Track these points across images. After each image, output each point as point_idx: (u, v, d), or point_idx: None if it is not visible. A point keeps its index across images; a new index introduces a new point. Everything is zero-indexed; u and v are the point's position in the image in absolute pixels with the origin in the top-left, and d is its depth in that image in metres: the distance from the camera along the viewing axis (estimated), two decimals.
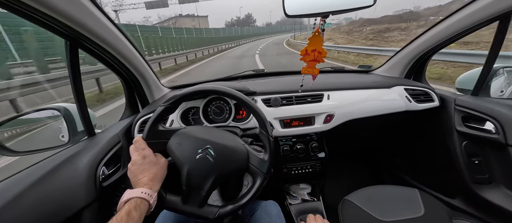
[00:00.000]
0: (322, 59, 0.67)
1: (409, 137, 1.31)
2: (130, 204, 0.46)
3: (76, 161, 0.64)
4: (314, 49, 0.64)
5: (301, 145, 1.01)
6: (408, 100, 1.04)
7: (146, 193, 0.49)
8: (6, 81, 3.63)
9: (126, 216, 0.43)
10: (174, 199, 0.57)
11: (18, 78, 4.44)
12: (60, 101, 3.24)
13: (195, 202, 0.56)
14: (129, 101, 1.04)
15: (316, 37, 0.62)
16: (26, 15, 0.47)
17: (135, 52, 0.85)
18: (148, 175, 0.53)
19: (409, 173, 1.36)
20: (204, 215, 0.56)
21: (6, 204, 0.46)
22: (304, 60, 0.69)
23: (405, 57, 1.19)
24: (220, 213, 0.56)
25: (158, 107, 0.62)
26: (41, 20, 0.49)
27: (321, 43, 0.63)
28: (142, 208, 0.47)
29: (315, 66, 0.69)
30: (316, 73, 0.72)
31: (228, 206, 0.58)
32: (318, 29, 0.60)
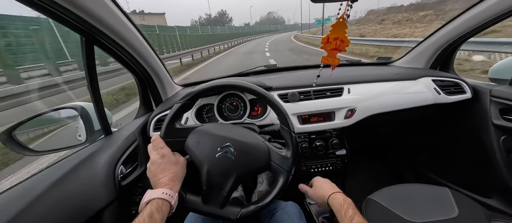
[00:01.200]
0: (344, 48, 0.62)
1: (436, 131, 1.23)
2: (152, 205, 0.44)
3: (94, 160, 0.63)
4: (337, 37, 0.59)
5: (321, 142, 0.96)
6: (437, 93, 0.96)
7: (167, 194, 0.47)
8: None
9: (148, 219, 0.41)
10: (195, 199, 0.55)
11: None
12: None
13: (216, 202, 0.54)
14: (143, 100, 1.03)
15: (340, 24, 0.57)
16: (43, 8, 0.45)
17: (150, 49, 0.83)
18: (168, 175, 0.51)
19: (435, 171, 1.27)
20: (226, 215, 0.54)
21: (30, 203, 0.45)
22: (324, 49, 0.64)
23: (430, 47, 1.11)
24: (242, 214, 0.54)
25: (175, 104, 0.60)
26: (59, 14, 0.47)
27: (345, 30, 0.58)
28: (164, 210, 0.45)
29: (335, 56, 0.64)
30: (336, 63, 0.67)
31: (251, 206, 0.55)
32: (343, 15, 0.55)
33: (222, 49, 17.70)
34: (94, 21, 0.54)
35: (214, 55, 13.55)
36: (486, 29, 0.90)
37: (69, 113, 0.81)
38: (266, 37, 37.40)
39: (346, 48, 0.62)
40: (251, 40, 31.55)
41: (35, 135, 0.79)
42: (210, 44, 15.90)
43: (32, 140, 0.78)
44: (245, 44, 23.28)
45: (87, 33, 0.57)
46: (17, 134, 0.68)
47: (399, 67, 1.26)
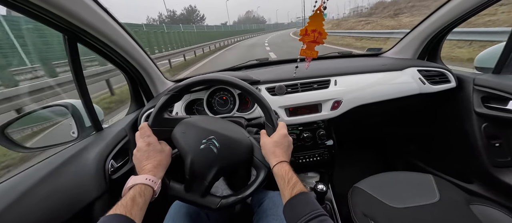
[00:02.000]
0: (322, 41, 0.63)
1: (423, 121, 1.25)
2: (135, 190, 0.46)
3: (84, 155, 0.65)
4: (315, 29, 0.60)
5: (308, 133, 0.99)
6: (421, 83, 0.98)
7: (150, 180, 0.49)
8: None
9: (131, 202, 0.43)
10: (177, 187, 0.58)
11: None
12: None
13: (198, 191, 0.56)
14: (134, 96, 1.05)
15: (317, 16, 0.58)
16: (21, 9, 0.46)
17: (137, 47, 0.84)
18: (152, 162, 0.53)
19: (422, 159, 1.30)
20: (206, 204, 0.56)
21: (19, 196, 0.47)
22: (303, 41, 0.65)
23: (417, 37, 1.12)
24: (222, 204, 0.56)
25: (164, 95, 0.62)
26: (37, 14, 0.48)
27: (322, 23, 0.59)
28: (146, 194, 0.47)
29: (313, 49, 0.65)
30: (315, 56, 0.68)
31: (231, 197, 0.57)
32: (320, 7, 0.56)
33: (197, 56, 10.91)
34: (73, 19, 0.55)
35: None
36: (471, 17, 0.91)
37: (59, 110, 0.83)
38: (254, 38, 29.13)
39: (323, 41, 0.63)
40: (237, 42, 24.27)
41: (27, 133, 0.81)
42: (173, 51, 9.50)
43: (25, 137, 0.80)
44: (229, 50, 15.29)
45: (68, 31, 0.58)
46: (9, 131, 0.70)
47: (388, 58, 1.28)
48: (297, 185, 0.48)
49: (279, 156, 0.54)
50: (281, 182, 0.50)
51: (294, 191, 0.47)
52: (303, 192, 0.47)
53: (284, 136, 0.58)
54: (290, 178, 0.49)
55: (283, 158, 0.54)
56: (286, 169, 0.51)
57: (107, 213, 0.41)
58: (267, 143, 0.57)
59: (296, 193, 0.46)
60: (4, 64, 5.22)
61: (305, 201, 0.45)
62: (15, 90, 3.26)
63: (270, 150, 0.56)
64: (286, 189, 0.48)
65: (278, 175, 0.52)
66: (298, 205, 0.45)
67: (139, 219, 0.43)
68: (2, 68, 5.03)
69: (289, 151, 0.58)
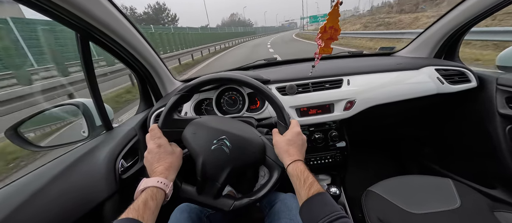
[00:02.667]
0: (337, 37, 0.61)
1: (440, 122, 1.20)
2: (147, 193, 0.45)
3: (95, 154, 0.65)
4: (332, 26, 0.58)
5: (320, 134, 0.96)
6: (440, 82, 0.94)
7: (162, 182, 0.48)
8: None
9: (143, 205, 0.42)
10: (190, 189, 0.57)
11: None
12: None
13: (210, 193, 0.55)
14: (143, 96, 1.05)
15: (335, 12, 0.56)
16: (35, 6, 0.46)
17: (147, 46, 0.84)
18: (163, 164, 0.52)
19: (439, 162, 1.25)
20: (219, 206, 0.55)
21: (31, 196, 0.47)
22: (322, 38, 0.63)
23: (434, 35, 1.07)
24: (235, 206, 0.54)
25: (173, 96, 0.61)
26: (51, 10, 0.48)
27: (338, 19, 0.57)
28: (158, 198, 0.46)
29: (329, 45, 0.63)
30: (330, 53, 0.66)
31: (244, 199, 0.56)
32: (338, 2, 0.54)
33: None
34: (86, 17, 0.55)
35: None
36: (493, 14, 0.86)
37: (71, 109, 0.83)
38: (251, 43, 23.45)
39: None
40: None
41: (39, 131, 0.82)
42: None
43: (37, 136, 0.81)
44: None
45: (81, 29, 0.58)
46: (22, 130, 0.71)
47: (402, 57, 1.23)
48: (314, 185, 0.46)
49: (293, 154, 0.52)
50: (297, 182, 0.48)
51: (311, 191, 0.45)
52: (321, 192, 0.44)
53: (297, 134, 0.56)
54: (306, 178, 0.47)
55: (298, 157, 0.52)
56: (302, 169, 0.49)
57: (120, 216, 0.40)
58: (280, 141, 0.55)
59: (314, 193, 0.44)
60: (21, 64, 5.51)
61: (323, 202, 0.43)
62: (29, 89, 3.38)
63: (284, 149, 0.53)
64: (303, 189, 0.46)
65: (293, 175, 0.49)
66: (316, 206, 0.43)
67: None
68: (20, 68, 5.29)
69: (303, 150, 0.56)
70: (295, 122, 0.59)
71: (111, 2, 0.60)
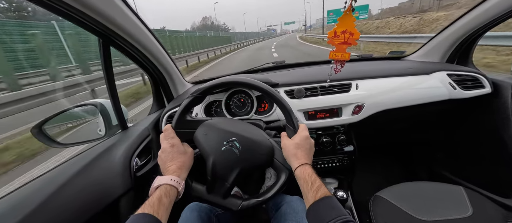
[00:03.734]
0: (354, 42, 0.61)
1: (451, 128, 1.17)
2: (161, 190, 0.47)
3: (112, 152, 0.68)
4: (345, 30, 0.58)
5: (327, 138, 0.96)
6: (452, 88, 0.92)
7: (175, 181, 0.50)
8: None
9: (157, 202, 0.44)
10: (200, 188, 0.59)
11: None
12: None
13: (219, 192, 0.57)
14: (156, 97, 1.09)
15: (347, 16, 0.56)
16: (63, 13, 0.50)
17: (162, 50, 0.88)
18: (176, 163, 0.55)
19: (450, 169, 1.22)
20: (228, 206, 0.56)
21: (59, 188, 0.51)
22: (332, 43, 0.63)
23: (446, 40, 1.05)
24: (243, 206, 0.56)
25: (187, 98, 0.63)
26: (77, 18, 0.52)
27: (353, 23, 0.58)
28: (171, 195, 0.48)
29: (345, 50, 0.64)
30: (347, 58, 0.67)
31: (252, 199, 0.57)
32: (350, 7, 0.55)
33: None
34: (108, 23, 0.58)
35: None
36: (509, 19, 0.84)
37: (90, 109, 0.88)
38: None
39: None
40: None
41: (61, 129, 0.87)
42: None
43: (59, 133, 0.86)
44: None
45: (103, 35, 0.62)
46: (46, 128, 0.76)
47: (412, 62, 1.22)
48: (321, 189, 0.47)
49: (301, 158, 0.53)
50: (304, 185, 0.49)
51: (318, 194, 0.46)
52: (328, 196, 0.45)
53: (305, 138, 0.57)
54: (313, 181, 0.48)
55: (305, 161, 0.53)
56: (309, 172, 0.50)
57: (135, 211, 0.42)
58: (288, 145, 0.56)
59: (320, 196, 0.45)
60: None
61: (330, 205, 0.44)
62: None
63: (292, 152, 0.55)
64: (310, 192, 0.47)
65: (300, 178, 0.51)
66: (323, 209, 0.44)
67: (165, 219, 0.44)
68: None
69: (311, 153, 0.57)
70: (303, 126, 0.60)
71: (131, 9, 0.64)
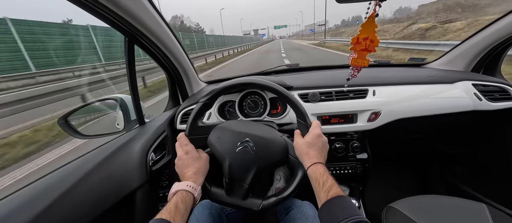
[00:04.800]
0: (374, 49, 0.61)
1: (475, 141, 1.11)
2: (177, 196, 0.49)
3: (131, 146, 0.71)
4: (367, 37, 0.58)
5: (341, 144, 0.95)
6: (477, 98, 0.87)
7: (191, 187, 0.52)
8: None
9: (174, 208, 0.46)
10: (219, 192, 0.59)
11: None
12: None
13: (239, 194, 0.57)
14: (172, 94, 1.12)
15: (369, 23, 0.55)
16: (93, 10, 0.53)
17: (181, 49, 0.90)
18: (192, 169, 0.56)
19: (470, 184, 1.15)
20: (248, 206, 0.57)
21: (84, 175, 0.55)
22: (354, 49, 0.63)
23: (473, 48, 1.00)
24: (263, 205, 0.56)
25: (197, 103, 0.65)
26: (106, 15, 0.55)
27: (375, 30, 0.57)
28: (187, 201, 0.49)
29: (365, 57, 0.63)
30: (366, 65, 0.66)
31: (272, 198, 0.57)
32: (373, 14, 0.54)
33: None
34: (136, 23, 0.61)
35: None
36: None
37: (110, 103, 0.92)
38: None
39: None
40: None
41: (83, 121, 0.92)
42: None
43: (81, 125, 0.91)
44: None
45: (130, 33, 0.65)
46: (71, 119, 0.80)
47: (433, 69, 1.17)
48: (333, 188, 0.46)
49: (313, 157, 0.52)
50: (316, 185, 0.48)
51: (330, 194, 0.45)
52: (340, 196, 0.44)
53: (317, 136, 0.56)
54: (325, 180, 0.47)
55: (317, 160, 0.52)
56: (321, 171, 0.49)
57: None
58: (300, 143, 0.56)
59: (332, 196, 0.44)
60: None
61: (342, 205, 0.43)
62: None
63: (304, 151, 0.54)
64: (322, 192, 0.46)
65: (312, 177, 0.50)
66: (335, 209, 0.43)
67: None
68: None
69: (324, 152, 0.56)
70: (316, 122, 0.59)
71: (156, 9, 0.67)
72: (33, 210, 0.43)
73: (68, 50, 9.19)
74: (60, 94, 3.75)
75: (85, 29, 9.75)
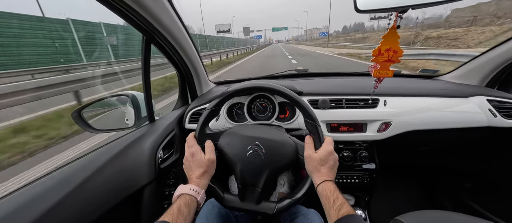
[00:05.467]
0: (398, 59, 0.61)
1: (487, 158, 1.08)
2: (181, 199, 0.49)
3: (142, 142, 0.72)
4: (389, 48, 0.58)
5: (348, 153, 0.93)
6: (491, 114, 0.86)
7: (194, 190, 0.52)
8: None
9: (177, 211, 0.46)
10: (232, 198, 0.59)
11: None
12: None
13: (252, 199, 0.57)
14: (181, 93, 1.13)
15: (391, 34, 0.55)
16: (117, 9, 0.54)
17: (194, 49, 0.92)
18: (196, 172, 0.56)
19: (481, 202, 1.12)
20: (263, 211, 0.56)
21: (96, 170, 0.56)
22: (376, 61, 0.63)
23: (488, 63, 0.98)
24: (278, 208, 0.56)
25: (205, 110, 0.64)
26: (126, 13, 0.56)
27: (397, 41, 0.57)
28: (191, 205, 0.49)
29: (389, 68, 0.63)
30: (390, 75, 0.66)
31: (285, 200, 0.57)
32: (394, 25, 0.54)
33: None
34: (155, 22, 0.63)
35: None
36: None
37: (122, 99, 0.94)
38: None
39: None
40: None
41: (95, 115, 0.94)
42: None
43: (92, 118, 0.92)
44: None
45: (148, 32, 0.66)
46: (84, 113, 0.82)
47: (446, 82, 1.15)
48: (344, 206, 0.46)
49: (323, 174, 0.53)
50: (326, 202, 0.48)
51: (341, 212, 0.45)
52: (352, 214, 0.44)
53: (329, 153, 0.56)
54: (336, 198, 0.47)
55: (328, 177, 0.52)
56: (331, 189, 0.50)
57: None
58: (313, 157, 0.56)
59: (344, 214, 0.44)
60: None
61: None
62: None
63: (315, 168, 0.54)
64: (332, 210, 0.46)
65: (322, 195, 0.50)
66: None
67: None
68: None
69: (334, 170, 0.56)
70: (329, 139, 0.59)
71: (175, 10, 0.68)
72: (51, 200, 0.45)
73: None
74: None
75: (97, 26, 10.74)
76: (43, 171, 2.12)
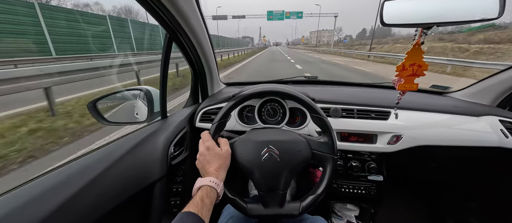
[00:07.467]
0: (423, 73, 0.62)
1: (495, 178, 1.08)
2: (202, 191, 0.50)
3: (156, 138, 0.73)
4: (413, 63, 0.59)
5: (357, 163, 0.93)
6: (503, 135, 0.85)
7: (214, 182, 0.52)
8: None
9: (200, 202, 0.47)
10: (256, 207, 0.58)
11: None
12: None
13: (275, 203, 0.57)
14: (192, 92, 1.14)
15: (415, 50, 0.56)
16: (145, 3, 0.55)
17: (212, 51, 0.93)
18: (214, 165, 0.56)
19: (482, 221, 1.11)
20: (288, 212, 0.56)
21: (111, 164, 0.56)
22: (401, 76, 0.64)
23: (502, 84, 0.98)
24: (303, 207, 0.56)
25: (225, 105, 0.65)
26: (156, 9, 0.57)
27: (422, 56, 0.58)
28: (211, 196, 0.50)
29: (413, 81, 0.64)
30: (415, 89, 0.67)
31: (308, 197, 0.57)
32: (419, 41, 0.54)
33: None
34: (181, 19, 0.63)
35: None
36: None
37: (136, 94, 0.95)
38: None
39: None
40: None
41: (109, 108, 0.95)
42: None
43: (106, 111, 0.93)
44: None
45: (172, 30, 0.67)
46: (99, 104, 0.83)
47: (456, 100, 1.15)
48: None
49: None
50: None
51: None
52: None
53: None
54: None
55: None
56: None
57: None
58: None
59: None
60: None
61: None
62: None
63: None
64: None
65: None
66: None
67: (207, 219, 0.46)
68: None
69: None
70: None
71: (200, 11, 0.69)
72: (68, 190, 0.45)
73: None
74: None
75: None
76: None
